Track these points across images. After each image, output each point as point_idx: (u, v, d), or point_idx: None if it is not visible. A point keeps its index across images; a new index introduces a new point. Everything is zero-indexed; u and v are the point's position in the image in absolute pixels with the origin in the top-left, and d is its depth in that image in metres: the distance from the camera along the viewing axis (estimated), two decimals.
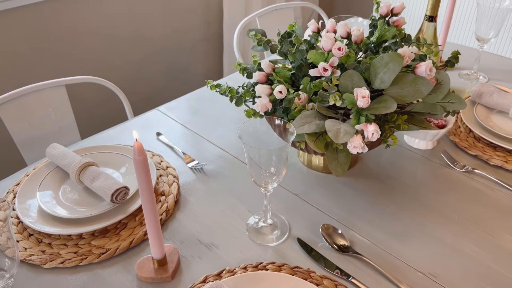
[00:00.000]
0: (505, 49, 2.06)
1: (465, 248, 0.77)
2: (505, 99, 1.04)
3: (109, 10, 1.85)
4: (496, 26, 1.18)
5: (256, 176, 0.73)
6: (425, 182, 0.92)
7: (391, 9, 0.91)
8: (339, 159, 0.74)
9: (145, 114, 1.17)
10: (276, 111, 0.82)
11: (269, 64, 0.88)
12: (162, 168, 0.95)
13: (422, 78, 0.70)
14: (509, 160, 0.95)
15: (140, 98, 2.16)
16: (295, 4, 1.72)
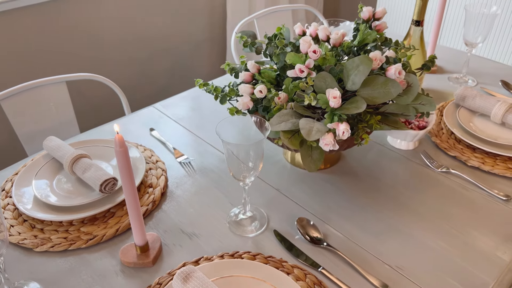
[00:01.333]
0: (493, 53, 2.07)
1: (434, 244, 0.80)
2: (487, 103, 1.07)
3: (115, 11, 1.92)
4: (484, 31, 1.21)
5: (235, 170, 0.78)
6: (403, 180, 0.95)
7: (373, 14, 0.95)
8: (313, 156, 0.78)
9: (141, 110, 1.22)
10: (258, 109, 0.86)
11: (254, 64, 0.92)
12: (152, 162, 1.00)
13: (392, 80, 0.74)
14: (486, 161, 0.98)
15: (144, 97, 2.22)
16: (293, 7, 1.76)
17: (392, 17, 2.46)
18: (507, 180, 0.95)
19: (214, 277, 0.71)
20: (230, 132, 0.78)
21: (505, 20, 2.00)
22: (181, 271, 0.67)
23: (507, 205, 0.88)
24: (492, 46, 2.09)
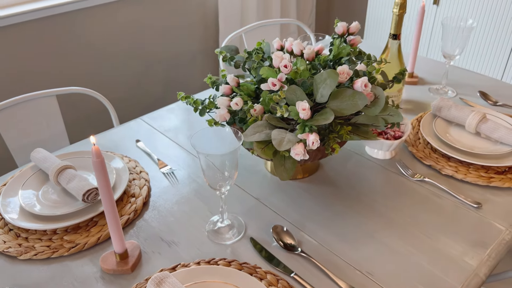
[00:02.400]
0: (472, 63, 2.11)
1: (404, 250, 0.83)
2: (461, 113, 1.10)
3: (108, 24, 1.97)
4: (461, 44, 1.25)
5: (211, 180, 0.81)
6: (379, 189, 0.98)
7: (347, 29, 0.99)
8: (286, 165, 0.81)
9: (129, 122, 1.26)
10: (235, 121, 0.90)
11: (233, 78, 0.96)
12: (136, 173, 1.03)
13: (359, 93, 0.78)
14: (459, 170, 1.01)
15: (139, 108, 2.27)
16: (282, 21, 1.81)
17: (381, 30, 2.50)
18: (479, 188, 0.97)
19: (188, 282, 0.74)
20: (206, 142, 0.81)
21: (481, 32, 2.04)
22: (155, 277, 0.70)
23: (478, 212, 0.91)
24: (470, 57, 2.13)
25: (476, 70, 2.15)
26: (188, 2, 2.23)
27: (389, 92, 1.22)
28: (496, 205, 0.93)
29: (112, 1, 1.93)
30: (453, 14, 2.10)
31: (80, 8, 1.84)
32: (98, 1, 1.86)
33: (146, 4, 2.07)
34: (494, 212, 0.91)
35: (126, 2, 1.99)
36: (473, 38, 2.10)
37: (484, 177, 0.98)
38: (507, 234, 0.86)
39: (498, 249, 0.83)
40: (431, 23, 2.21)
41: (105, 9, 1.93)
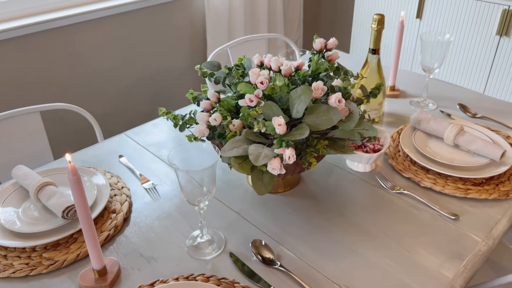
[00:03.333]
0: (451, 76, 2.15)
1: (382, 262, 0.83)
2: (440, 126, 1.12)
3: (96, 40, 1.98)
4: (440, 57, 1.28)
5: (189, 196, 0.82)
6: (358, 202, 0.99)
7: (325, 45, 1.01)
8: (264, 179, 0.82)
9: (112, 138, 1.27)
10: (214, 136, 0.91)
11: (214, 94, 0.97)
12: (117, 188, 1.03)
13: (334, 108, 0.79)
14: (437, 182, 1.02)
15: (127, 123, 2.27)
16: (266, 36, 1.84)
17: (367, 44, 2.54)
18: (456, 199, 0.99)
19: None
20: (184, 158, 0.82)
21: (463, 46, 2.08)
22: None
23: (455, 224, 0.92)
24: (453, 70, 2.17)
25: (460, 83, 2.18)
26: (176, 18, 2.26)
27: (370, 106, 1.24)
28: (473, 217, 0.94)
29: (98, 17, 1.94)
30: (435, 28, 2.15)
31: (66, 25, 1.85)
32: (85, 18, 1.88)
33: (133, 20, 2.09)
34: (471, 223, 0.92)
35: (112, 18, 2.01)
36: (456, 52, 2.14)
37: (461, 189, 1.00)
38: (483, 246, 0.87)
39: (474, 260, 0.84)
40: (415, 37, 2.26)
41: (92, 25, 1.95)
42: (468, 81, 2.15)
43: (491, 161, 1.05)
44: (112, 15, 2.00)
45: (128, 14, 2.06)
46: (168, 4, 2.20)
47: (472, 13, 2.01)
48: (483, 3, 1.96)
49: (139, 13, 2.10)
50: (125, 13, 2.04)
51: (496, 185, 1.01)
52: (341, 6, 3.00)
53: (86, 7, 1.91)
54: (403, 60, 2.36)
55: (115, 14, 2.01)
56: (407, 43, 2.31)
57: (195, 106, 1.45)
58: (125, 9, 2.02)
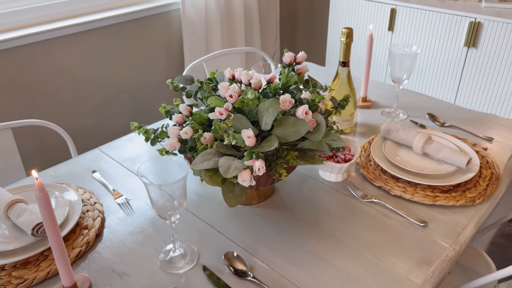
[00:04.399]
0: (420, 86, 2.21)
1: (353, 271, 0.85)
2: (409, 135, 1.15)
3: (71, 56, 1.98)
4: (408, 69, 1.32)
5: (160, 210, 0.82)
6: (331, 211, 1.01)
7: (294, 58, 1.03)
8: (235, 192, 0.83)
9: (86, 153, 1.26)
10: (186, 149, 0.91)
11: (186, 107, 0.98)
12: (90, 204, 1.03)
13: (301, 120, 0.81)
14: (407, 190, 1.05)
15: (103, 138, 2.26)
16: (241, 50, 1.86)
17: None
18: (425, 207, 1.01)
19: None
20: (155, 172, 0.82)
21: (433, 57, 2.15)
22: None
23: (424, 231, 0.94)
24: (422, 80, 2.24)
25: (432, 93, 2.25)
26: (152, 32, 2.27)
27: (342, 117, 1.27)
28: (441, 223, 0.96)
29: (72, 33, 1.94)
30: (406, 40, 2.21)
31: (42, 40, 1.85)
32: (59, 33, 1.88)
33: (109, 35, 2.09)
34: (439, 230, 0.95)
35: (88, 33, 2.01)
36: (428, 63, 2.20)
37: (430, 196, 1.03)
38: (451, 251, 0.89)
39: (442, 266, 0.86)
40: (387, 49, 2.32)
41: (67, 40, 1.94)
42: (440, 91, 2.21)
43: (458, 168, 1.08)
44: (88, 30, 2.00)
45: (104, 29, 2.06)
46: (144, 19, 2.21)
47: (441, 25, 2.08)
48: (451, 15, 2.03)
49: (115, 28, 2.10)
50: (102, 28, 2.04)
51: (463, 191, 1.04)
52: (316, 21, 3.06)
53: (62, 22, 1.91)
54: (377, 71, 2.42)
55: (91, 29, 2.01)
56: (380, 54, 2.37)
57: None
58: (101, 24, 2.02)
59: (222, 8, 2.43)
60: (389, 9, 2.22)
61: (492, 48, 1.97)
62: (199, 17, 2.33)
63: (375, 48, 2.36)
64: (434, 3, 2.15)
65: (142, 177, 0.79)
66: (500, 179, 1.11)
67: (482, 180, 1.08)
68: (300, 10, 3.14)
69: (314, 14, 3.06)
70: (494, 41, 1.96)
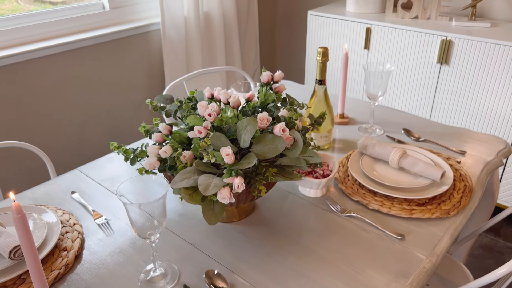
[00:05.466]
0: (396, 102, 2.28)
1: (332, 286, 0.86)
2: (385, 150, 1.18)
3: (50, 77, 1.97)
4: (382, 86, 1.36)
5: (140, 230, 0.82)
6: (311, 227, 1.02)
7: (272, 78, 1.06)
8: (214, 209, 0.84)
9: (65, 174, 1.25)
10: (166, 168, 0.92)
11: (165, 126, 0.99)
12: (69, 225, 1.02)
13: (279, 137, 0.83)
14: (384, 204, 1.07)
15: (84, 158, 2.23)
16: (221, 69, 1.89)
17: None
18: (402, 220, 1.04)
19: None
20: (134, 192, 0.83)
21: (408, 74, 2.22)
22: None
23: (401, 243, 0.96)
24: (398, 97, 2.30)
25: (408, 109, 2.31)
26: (133, 52, 2.29)
27: (320, 133, 1.29)
28: (417, 236, 0.99)
29: (52, 54, 1.94)
30: (382, 57, 2.28)
31: (19, 61, 1.84)
32: (38, 54, 1.87)
33: (89, 55, 2.10)
34: (416, 242, 0.97)
35: (67, 54, 2.01)
36: (403, 80, 2.27)
37: (406, 210, 1.05)
38: (427, 263, 0.91)
39: (419, 277, 0.88)
40: (362, 67, 2.38)
41: (45, 62, 1.94)
42: (416, 107, 2.28)
43: (433, 181, 1.12)
44: (68, 51, 2.00)
45: (84, 49, 2.06)
46: (125, 39, 2.22)
47: (415, 43, 2.15)
48: (424, 34, 2.11)
49: (96, 48, 2.11)
50: (81, 48, 2.05)
51: (438, 204, 1.07)
52: (295, 40, 3.13)
53: (42, 43, 1.91)
54: (355, 88, 2.47)
55: (71, 49, 2.01)
56: (357, 72, 2.43)
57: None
58: (81, 45, 2.02)
59: (202, 28, 2.46)
60: (365, 28, 2.29)
61: (463, 65, 2.05)
62: (179, 36, 2.36)
63: (352, 66, 2.42)
64: (407, 22, 2.23)
65: (121, 197, 0.79)
66: (473, 191, 1.14)
67: (456, 193, 1.11)
68: (279, 30, 3.20)
69: (293, 34, 3.13)
70: (465, 58, 2.04)
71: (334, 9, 2.51)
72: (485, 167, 1.25)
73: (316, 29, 2.49)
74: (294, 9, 3.06)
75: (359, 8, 2.43)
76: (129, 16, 2.31)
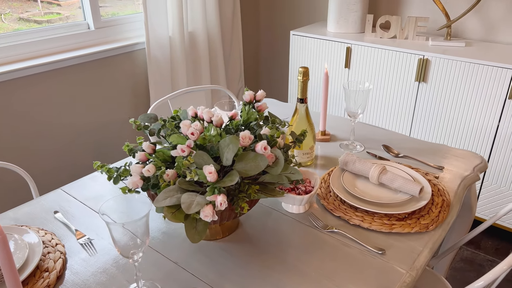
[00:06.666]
0: (375, 119, 2.34)
1: None
2: (365, 166, 1.21)
3: (33, 96, 1.97)
4: (362, 104, 1.40)
5: (123, 249, 0.82)
6: (293, 243, 1.04)
7: (254, 97, 1.08)
8: (197, 227, 0.85)
9: (48, 194, 1.24)
10: (149, 187, 0.93)
11: (149, 145, 1.00)
12: (51, 246, 1.01)
13: (260, 155, 0.85)
14: (365, 219, 1.09)
15: (67, 178, 2.21)
16: (205, 88, 1.91)
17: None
18: (383, 235, 1.06)
19: None
20: (118, 210, 0.83)
21: (384, 91, 2.28)
22: None
23: (382, 258, 0.98)
24: (379, 114, 2.36)
25: (388, 126, 2.36)
26: (118, 71, 2.30)
27: (302, 150, 1.32)
28: (398, 250, 1.01)
29: (36, 73, 1.94)
30: (362, 76, 2.34)
31: (2, 81, 1.83)
32: (23, 73, 1.87)
33: (74, 75, 2.10)
34: (396, 256, 0.99)
35: (51, 73, 2.01)
36: (383, 97, 2.33)
37: (387, 225, 1.07)
38: (408, 277, 0.93)
39: None
40: (342, 86, 2.44)
41: (29, 81, 1.94)
42: (397, 124, 2.33)
43: (412, 197, 1.15)
44: (53, 70, 2.00)
45: (68, 69, 2.07)
46: (110, 58, 2.24)
47: (393, 62, 2.22)
48: (402, 53, 2.18)
49: (80, 67, 2.12)
50: (66, 68, 2.05)
51: (417, 219, 1.10)
52: (279, 59, 3.19)
53: (26, 63, 1.91)
54: (336, 105, 2.52)
55: (55, 69, 2.01)
56: (338, 90, 2.48)
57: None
58: (65, 64, 2.03)
59: (187, 47, 2.50)
60: (345, 48, 2.35)
61: (440, 83, 2.12)
62: (164, 56, 2.39)
63: (334, 84, 2.48)
64: (386, 42, 2.30)
65: (104, 215, 0.79)
66: (451, 206, 1.17)
67: (434, 207, 1.15)
68: (263, 49, 3.26)
69: (276, 53, 3.19)
70: (441, 76, 2.11)
71: (315, 29, 2.58)
72: (462, 182, 1.28)
73: (299, 49, 2.55)
74: (277, 29, 3.12)
75: (340, 28, 2.50)
76: (114, 35, 2.33)
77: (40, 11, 2.11)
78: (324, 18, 2.86)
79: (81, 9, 2.22)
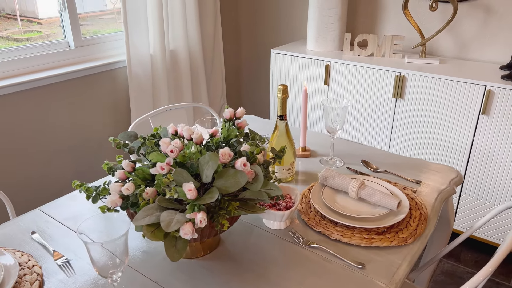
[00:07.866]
0: (361, 136, 2.39)
1: None
2: (344, 181, 1.23)
3: (14, 113, 1.94)
4: (341, 120, 1.42)
5: (102, 269, 0.81)
6: (275, 259, 1.04)
7: (234, 114, 1.10)
8: (177, 245, 0.84)
9: (25, 214, 1.22)
10: (128, 206, 0.92)
11: (128, 163, 1.00)
12: (28, 267, 0.99)
13: (240, 171, 0.86)
14: (345, 234, 1.11)
15: (46, 198, 2.17)
16: (186, 105, 1.92)
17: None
18: (362, 249, 1.07)
19: None
20: (97, 230, 0.82)
21: (363, 108, 2.33)
22: None
23: (362, 272, 0.99)
24: (358, 130, 2.41)
25: (368, 142, 2.40)
26: (99, 89, 2.29)
27: (283, 166, 1.33)
28: (377, 264, 1.02)
29: (15, 91, 1.92)
30: (341, 93, 2.39)
31: None
32: (2, 92, 1.85)
33: (53, 93, 2.09)
34: (376, 270, 1.00)
35: (30, 92, 1.99)
36: (362, 114, 2.37)
37: (366, 239, 1.09)
38: None
39: None
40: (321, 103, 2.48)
41: (9, 99, 1.91)
42: (376, 140, 2.37)
43: (390, 211, 1.17)
44: (32, 89, 1.98)
45: (48, 87, 2.05)
46: (90, 76, 2.23)
47: (371, 79, 2.28)
48: (379, 70, 2.24)
49: (60, 86, 2.10)
50: (45, 86, 2.04)
51: (396, 233, 1.12)
52: (260, 76, 3.23)
53: (4, 82, 1.89)
54: (316, 122, 2.56)
55: (35, 87, 1.99)
56: (318, 107, 2.52)
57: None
58: (45, 83, 2.02)
59: (168, 65, 2.51)
60: (324, 65, 2.40)
61: (416, 99, 2.18)
62: (145, 74, 2.39)
63: (313, 101, 2.52)
64: (363, 59, 2.36)
65: (82, 235, 0.78)
66: (429, 219, 1.20)
67: (412, 221, 1.17)
68: (244, 67, 3.30)
69: (257, 71, 3.23)
70: (417, 93, 2.17)
71: (295, 48, 2.63)
72: (439, 196, 1.31)
73: (279, 66, 2.59)
74: (258, 47, 3.17)
75: (319, 46, 2.55)
76: (95, 54, 2.33)
77: (20, 29, 2.10)
78: (303, 36, 2.92)
79: (61, 27, 2.21)
